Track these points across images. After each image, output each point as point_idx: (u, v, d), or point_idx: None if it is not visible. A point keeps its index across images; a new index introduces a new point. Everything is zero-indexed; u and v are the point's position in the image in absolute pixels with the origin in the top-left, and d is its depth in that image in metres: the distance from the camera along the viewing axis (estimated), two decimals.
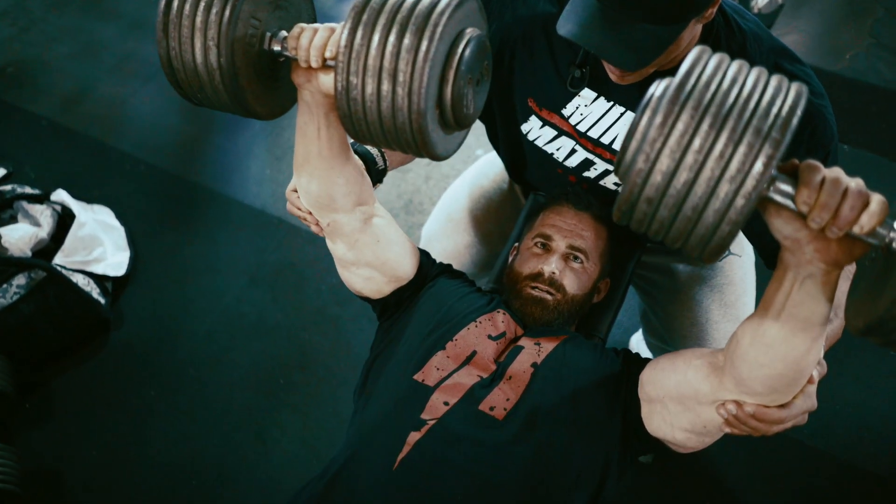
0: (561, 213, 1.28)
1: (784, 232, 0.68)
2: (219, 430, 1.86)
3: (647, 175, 0.60)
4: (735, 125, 0.58)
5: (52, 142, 2.52)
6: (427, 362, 1.12)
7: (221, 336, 2.04)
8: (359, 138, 0.82)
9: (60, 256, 2.03)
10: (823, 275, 0.71)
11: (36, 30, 2.92)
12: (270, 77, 0.88)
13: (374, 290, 1.21)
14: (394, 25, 0.73)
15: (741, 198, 0.58)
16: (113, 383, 1.94)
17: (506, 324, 1.19)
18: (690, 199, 0.59)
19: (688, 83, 0.60)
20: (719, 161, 0.58)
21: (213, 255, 2.23)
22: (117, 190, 2.36)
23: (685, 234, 0.62)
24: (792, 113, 0.59)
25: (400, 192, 2.41)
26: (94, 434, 1.84)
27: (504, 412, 1.06)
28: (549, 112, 1.25)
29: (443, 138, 0.83)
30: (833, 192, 0.62)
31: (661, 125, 0.59)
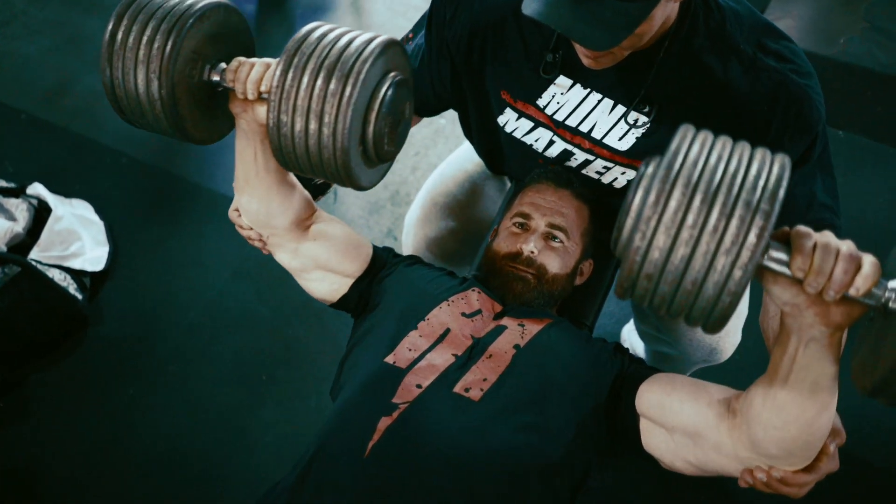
0: (540, 191, 1.23)
1: (783, 298, 0.69)
2: (201, 427, 1.81)
3: (646, 252, 0.61)
4: (725, 199, 0.60)
5: (32, 136, 2.47)
6: (398, 344, 1.07)
7: (203, 331, 1.99)
8: (289, 168, 0.89)
9: (36, 251, 1.98)
10: (827, 337, 0.71)
11: (17, 23, 2.87)
12: (209, 105, 0.94)
13: (333, 290, 1.19)
14: (321, 70, 0.80)
15: (738, 269, 0.60)
16: (91, 380, 1.89)
17: (481, 301, 1.15)
18: (689, 273, 0.61)
19: (676, 162, 0.62)
20: (713, 235, 0.60)
21: (195, 248, 2.18)
22: (98, 184, 2.31)
23: (687, 307, 0.64)
24: (778, 184, 0.61)
25: (386, 182, 2.36)
26: (72, 432, 1.79)
27: (480, 393, 1.01)
28: (525, 103, 1.20)
29: (366, 171, 0.91)
30: (826, 258, 0.64)
31: (654, 203, 0.61)
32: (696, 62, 1.06)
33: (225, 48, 0.93)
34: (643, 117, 1.11)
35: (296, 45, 0.82)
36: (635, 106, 1.11)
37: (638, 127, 1.12)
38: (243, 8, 2.97)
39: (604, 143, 1.18)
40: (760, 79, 1.04)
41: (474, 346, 1.07)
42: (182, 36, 0.84)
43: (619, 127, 1.14)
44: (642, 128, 1.12)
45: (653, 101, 1.10)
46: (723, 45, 1.05)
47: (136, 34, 0.83)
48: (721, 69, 1.05)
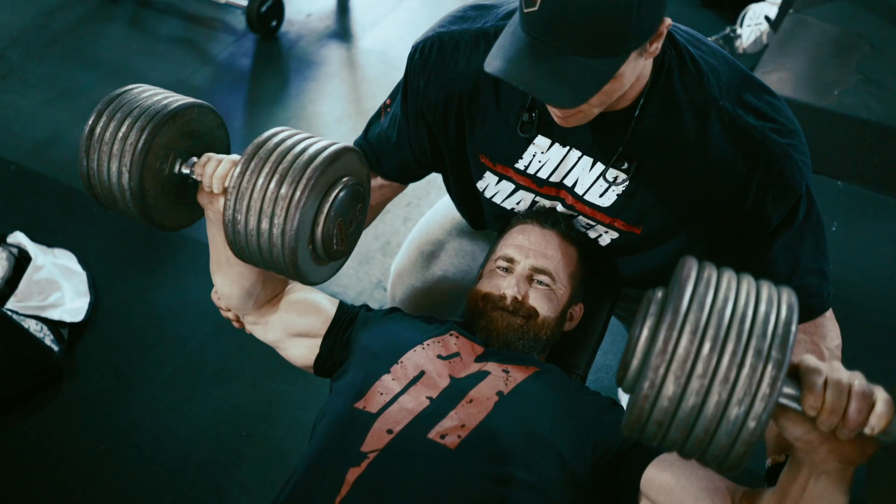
0: (525, 232, 1.18)
1: (795, 434, 0.67)
2: (173, 488, 1.70)
3: (655, 400, 0.60)
4: (735, 347, 0.59)
5: (19, 186, 2.45)
6: (370, 389, 1.00)
7: (181, 385, 1.90)
8: (244, 261, 0.94)
9: (13, 301, 1.92)
10: (840, 471, 0.70)
11: (14, 77, 2.88)
12: (179, 195, 0.99)
13: (307, 354, 1.17)
14: (275, 175, 0.86)
15: (752, 420, 0.59)
16: (62, 436, 1.79)
17: (459, 345, 1.08)
18: (701, 422, 0.60)
19: (682, 305, 0.60)
20: (724, 385, 0.59)
21: (178, 300, 2.11)
22: (82, 234, 2.26)
23: (699, 452, 0.62)
24: (788, 329, 0.60)
25: (377, 233, 2.31)
26: (37, 491, 1.69)
27: (457, 440, 0.93)
28: (504, 167, 1.16)
29: (316, 268, 0.94)
30: (839, 396, 0.62)
31: (661, 351, 0.59)
32: (674, 120, 1.02)
33: (198, 144, 0.98)
34: (622, 174, 1.07)
35: (255, 149, 0.88)
36: (613, 163, 1.07)
37: (618, 184, 1.08)
38: (238, 63, 2.99)
39: (585, 200, 1.13)
40: (740, 138, 1.00)
41: (451, 387, 1.00)
42: (153, 133, 0.90)
43: (599, 184, 1.10)
44: (622, 185, 1.08)
45: (631, 158, 1.06)
46: (701, 101, 1.01)
47: (113, 129, 0.91)
48: (699, 127, 1.01)
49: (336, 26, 3.24)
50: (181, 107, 0.93)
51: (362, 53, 3.08)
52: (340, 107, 2.84)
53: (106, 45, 3.05)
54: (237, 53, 3.03)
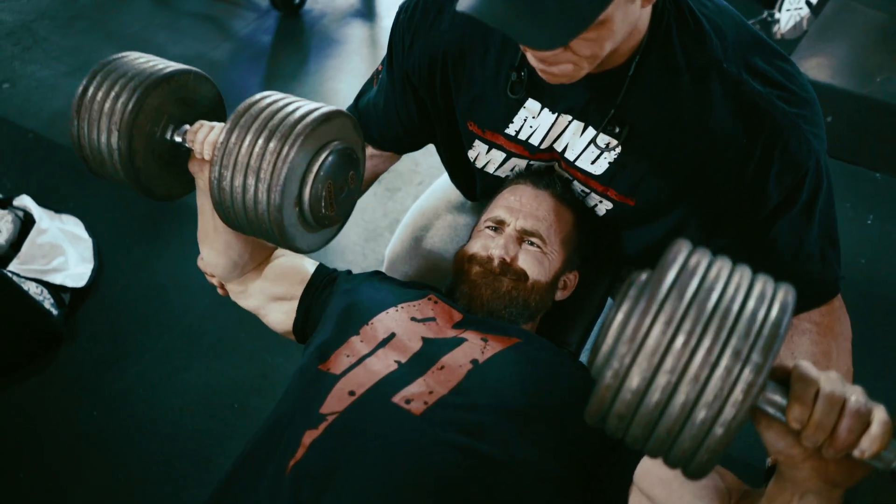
0: (516, 192, 1.10)
1: (777, 447, 0.60)
2: (163, 456, 1.67)
3: (617, 391, 0.54)
4: (711, 345, 0.53)
5: (34, 153, 2.45)
6: (336, 350, 0.94)
7: (178, 355, 1.87)
8: (229, 224, 0.91)
9: (16, 263, 1.91)
10: (824, 492, 0.62)
11: (38, 49, 2.90)
12: (171, 163, 0.98)
13: (285, 319, 1.13)
14: (264, 131, 0.84)
15: (719, 426, 0.53)
16: (56, 401, 1.77)
17: (436, 311, 1.00)
18: (664, 421, 0.54)
19: (660, 290, 0.54)
20: (693, 385, 0.53)
21: (180, 271, 2.08)
22: (92, 203, 2.25)
23: (662, 452, 0.56)
24: (776, 332, 0.53)
25: (386, 210, 2.25)
26: (26, 455, 1.67)
27: (423, 406, 0.86)
28: (493, 133, 1.08)
29: (304, 234, 0.91)
30: (829, 411, 0.55)
31: (630, 339, 0.54)
32: (670, 83, 0.92)
33: (193, 112, 0.97)
34: (613, 140, 0.98)
35: (245, 108, 0.87)
36: (604, 128, 0.97)
37: (609, 150, 0.99)
38: (259, 40, 2.97)
39: (577, 166, 1.05)
40: (743, 105, 0.90)
41: (422, 352, 0.93)
42: (145, 94, 0.89)
43: (591, 150, 1.02)
44: (614, 151, 0.99)
45: (623, 122, 0.96)
46: (700, 63, 0.91)
47: (106, 90, 0.90)
48: (698, 91, 0.91)
49: (360, 5, 3.19)
50: (175, 71, 0.93)
51: (384, 33, 3.02)
52: (359, 84, 2.78)
53: (129, 20, 3.06)
54: (259, 30, 3.01)
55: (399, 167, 2.41)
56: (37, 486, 1.61)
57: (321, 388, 0.89)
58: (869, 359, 1.79)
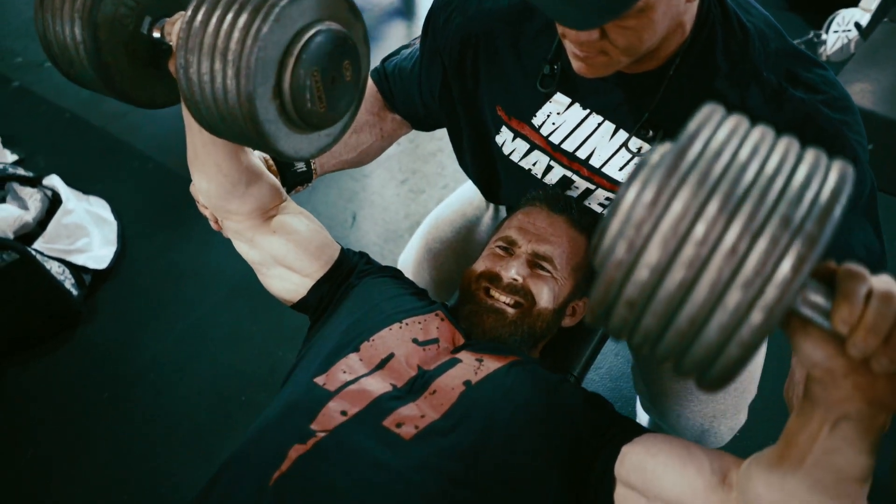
0: (531, 215, 1.08)
1: (813, 358, 0.49)
2: (166, 445, 1.68)
3: (630, 269, 0.43)
4: (754, 211, 0.42)
5: (69, 134, 2.50)
6: (334, 364, 0.92)
7: (190, 344, 1.89)
8: (203, 125, 0.78)
9: (41, 242, 1.94)
10: (865, 419, 0.52)
11: None
12: (153, 64, 0.87)
13: (291, 290, 1.06)
14: (233, 4, 0.71)
15: (759, 311, 0.42)
16: (67, 380, 1.80)
17: (441, 330, 0.98)
18: (687, 307, 0.43)
19: (691, 149, 0.44)
20: (730, 258, 0.42)
21: (200, 260, 2.10)
22: (120, 185, 2.29)
23: (678, 352, 0.45)
24: (834, 199, 0.43)
25: (409, 212, 2.24)
26: (35, 429, 1.70)
27: (414, 431, 0.84)
28: (519, 122, 1.06)
29: (288, 134, 0.78)
30: (884, 311, 0.45)
31: (651, 203, 0.43)
32: (710, 87, 0.90)
33: (174, 5, 0.85)
34: (647, 145, 0.95)
35: None
36: (637, 131, 0.95)
37: (641, 156, 0.96)
38: None
39: (603, 173, 1.02)
40: (784, 110, 0.87)
41: (417, 378, 0.91)
42: None
43: (621, 155, 0.99)
44: None
45: (658, 125, 0.94)
46: (743, 71, 0.88)
47: None
48: (737, 97, 0.89)
49: (400, 3, 3.19)
50: None
51: None
52: None
53: None
54: None
55: (425, 169, 2.41)
56: (42, 462, 1.64)
57: (314, 403, 0.88)
58: None
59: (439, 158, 2.44)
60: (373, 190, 2.34)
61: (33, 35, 2.89)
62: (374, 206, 2.29)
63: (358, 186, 2.35)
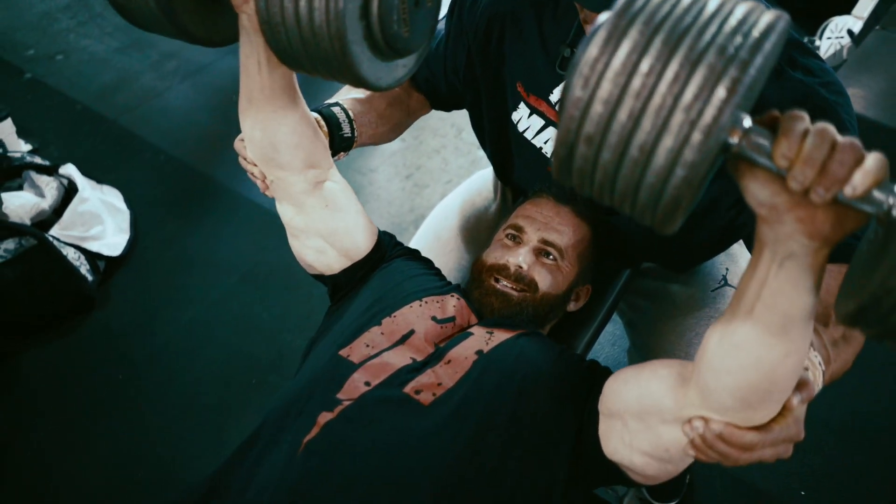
0: (538, 205, 1.15)
1: (760, 197, 0.55)
2: (178, 424, 1.75)
3: (587, 106, 0.49)
4: (693, 43, 0.48)
5: (82, 125, 2.55)
6: (357, 338, 0.99)
7: (202, 329, 1.95)
8: (280, 51, 0.76)
9: (57, 229, 2.00)
10: (808, 254, 0.57)
11: (93, 24, 3.01)
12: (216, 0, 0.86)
13: (325, 265, 1.10)
14: None
15: (698, 132, 0.47)
16: (82, 362, 1.86)
17: (457, 309, 1.05)
18: (637, 134, 0.49)
19: (632, 6, 0.50)
20: (672, 85, 0.48)
21: (211, 248, 2.16)
22: (132, 176, 2.35)
23: (633, 185, 0.51)
24: (766, 33, 0.48)
25: (413, 205, 2.31)
26: (50, 410, 1.76)
27: (432, 397, 0.91)
28: (537, 98, 1.13)
29: (372, 60, 0.77)
30: (819, 144, 0.50)
31: (603, 43, 0.49)
32: None
33: None
34: None
35: None
36: None
37: None
38: None
39: None
40: (785, 88, 0.94)
41: (434, 353, 0.98)
42: None
43: None
44: None
45: None
46: None
47: None
48: None
49: None
50: None
51: None
52: None
53: None
54: None
55: (429, 164, 2.47)
56: (59, 437, 1.70)
57: (340, 374, 0.94)
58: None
59: (443, 155, 2.51)
60: (379, 185, 2.41)
61: (44, 29, 2.96)
62: (379, 200, 2.35)
63: (365, 181, 2.42)
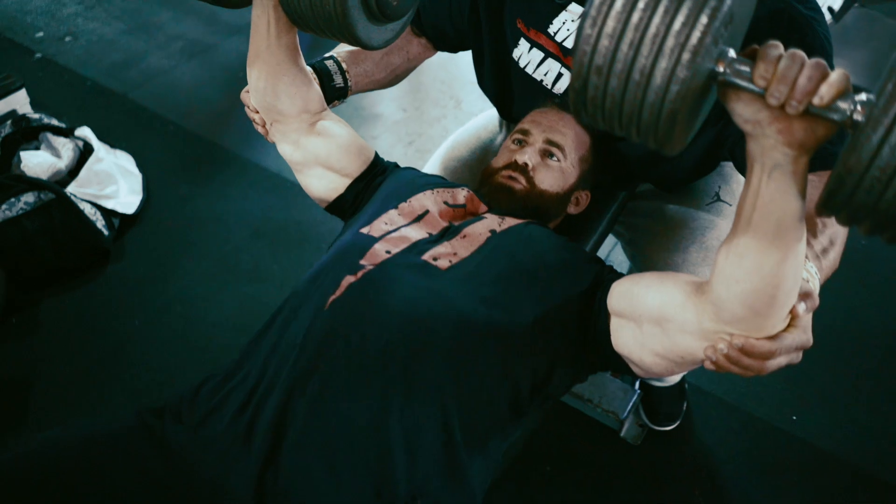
0: (543, 113, 1.24)
1: (745, 115, 0.66)
2: (193, 366, 1.81)
3: (596, 41, 0.61)
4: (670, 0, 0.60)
5: (92, 99, 2.63)
6: (377, 218, 1.08)
7: (214, 278, 2.02)
8: (289, 9, 0.93)
9: (73, 186, 2.07)
10: (791, 162, 0.67)
11: (100, 8, 3.10)
12: None
13: (331, 188, 1.20)
14: None
15: (687, 52, 0.59)
16: (101, 309, 1.93)
17: (468, 199, 1.14)
18: (638, 60, 0.61)
19: None
20: (664, 17, 0.59)
21: (221, 207, 2.24)
22: (143, 143, 2.42)
23: (637, 106, 0.63)
24: None
25: None
26: (73, 351, 1.82)
27: (448, 264, 1.00)
28: (537, 32, 1.23)
29: (366, 23, 0.94)
30: (790, 65, 0.61)
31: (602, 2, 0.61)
32: None
33: None
34: None
35: None
36: None
37: None
38: None
39: None
40: (765, 3, 1.03)
41: (449, 228, 1.07)
42: None
43: None
44: None
45: None
46: None
47: None
48: None
49: None
50: None
51: None
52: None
53: None
54: None
55: (430, 131, 2.57)
56: (77, 381, 1.76)
57: (362, 245, 1.03)
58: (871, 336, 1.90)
59: (443, 123, 2.61)
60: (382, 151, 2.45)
61: (53, 13, 3.05)
62: None
63: None
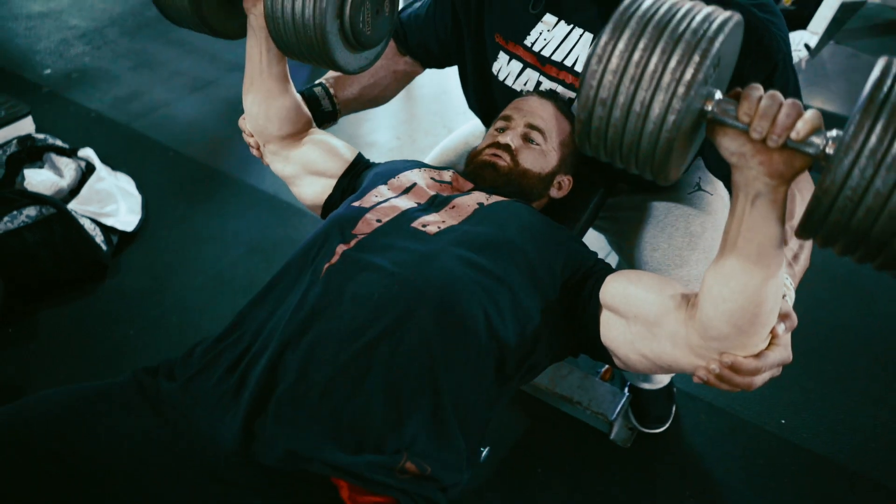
0: (524, 100, 1.30)
1: (731, 149, 0.73)
2: None
3: (601, 76, 0.69)
4: (675, 29, 0.68)
5: (95, 128, 2.71)
6: (367, 193, 1.12)
7: (210, 292, 2.05)
8: (278, 38, 1.03)
9: (75, 203, 2.12)
10: (771, 191, 0.73)
11: (107, 48, 3.22)
12: (232, 2, 1.12)
13: (320, 192, 1.27)
14: None
15: (682, 86, 0.67)
16: (97, 320, 1.95)
17: (453, 177, 1.19)
18: (638, 93, 0.68)
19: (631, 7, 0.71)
20: (661, 57, 0.67)
21: (218, 226, 2.29)
22: (143, 168, 2.48)
23: (637, 135, 0.70)
24: (726, 21, 0.69)
25: None
26: (65, 362, 1.83)
27: (436, 230, 1.04)
28: (514, 44, 1.30)
29: (343, 50, 1.05)
30: (770, 104, 0.68)
31: (611, 32, 0.70)
32: None
33: None
34: None
35: None
36: None
37: None
38: None
39: None
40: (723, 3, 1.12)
41: (437, 197, 1.12)
42: None
43: None
44: None
45: None
46: None
47: None
48: None
49: None
50: None
51: None
52: None
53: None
54: None
55: (421, 144, 2.65)
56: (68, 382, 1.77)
57: (353, 217, 1.07)
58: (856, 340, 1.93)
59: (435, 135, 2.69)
60: None
61: (61, 52, 3.17)
62: None
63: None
